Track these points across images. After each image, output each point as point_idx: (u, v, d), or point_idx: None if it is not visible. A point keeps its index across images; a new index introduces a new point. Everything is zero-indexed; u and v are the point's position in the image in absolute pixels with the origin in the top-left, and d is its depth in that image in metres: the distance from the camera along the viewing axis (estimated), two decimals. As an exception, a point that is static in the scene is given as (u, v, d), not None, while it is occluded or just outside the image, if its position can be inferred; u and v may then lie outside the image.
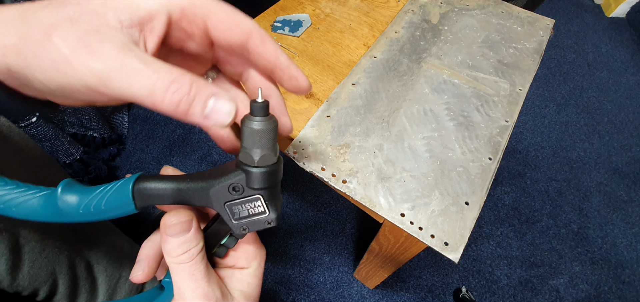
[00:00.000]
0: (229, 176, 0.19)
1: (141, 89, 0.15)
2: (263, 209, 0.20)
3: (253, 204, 0.19)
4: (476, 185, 0.42)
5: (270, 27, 0.59)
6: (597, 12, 1.61)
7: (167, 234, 0.19)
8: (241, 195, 0.19)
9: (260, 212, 0.20)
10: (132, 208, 0.19)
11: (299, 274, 0.83)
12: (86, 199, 0.18)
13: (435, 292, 0.83)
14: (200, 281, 0.19)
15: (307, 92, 0.22)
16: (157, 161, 1.02)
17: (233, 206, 0.19)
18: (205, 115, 0.16)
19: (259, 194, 0.19)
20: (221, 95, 0.16)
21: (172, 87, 0.15)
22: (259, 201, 0.19)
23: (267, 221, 0.20)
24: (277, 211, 0.20)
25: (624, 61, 1.40)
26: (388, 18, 0.62)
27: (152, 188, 0.19)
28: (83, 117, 0.91)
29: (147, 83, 0.15)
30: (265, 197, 0.19)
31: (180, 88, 0.15)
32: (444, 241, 0.38)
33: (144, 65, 0.15)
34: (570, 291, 0.85)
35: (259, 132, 0.18)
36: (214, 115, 0.16)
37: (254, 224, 0.20)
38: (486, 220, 0.95)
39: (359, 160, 0.44)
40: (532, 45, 0.58)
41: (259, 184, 0.19)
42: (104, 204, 0.18)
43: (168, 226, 0.19)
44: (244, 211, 0.20)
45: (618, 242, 0.93)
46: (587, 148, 1.12)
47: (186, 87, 0.15)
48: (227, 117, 0.16)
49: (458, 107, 0.49)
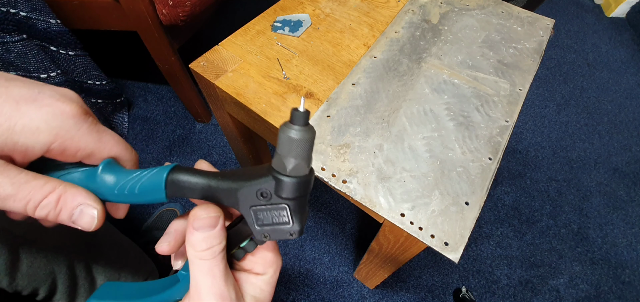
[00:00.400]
0: (258, 180, 0.18)
1: (13, 208, 0.17)
2: (288, 220, 0.19)
3: (278, 213, 0.19)
4: (476, 185, 0.42)
5: (270, 27, 0.59)
6: (597, 12, 1.61)
7: (193, 226, 0.19)
8: (268, 201, 0.19)
9: (284, 222, 0.19)
10: (163, 196, 0.19)
11: (299, 274, 0.83)
12: (122, 180, 0.19)
13: (435, 292, 0.83)
14: (218, 279, 0.19)
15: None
16: (157, 161, 1.02)
17: (258, 211, 0.19)
18: (72, 221, 0.19)
19: (286, 203, 0.19)
20: (86, 205, 0.19)
21: (42, 203, 0.18)
22: (285, 210, 0.19)
23: (290, 232, 0.20)
24: (301, 224, 0.20)
25: (624, 61, 1.40)
26: (388, 18, 0.62)
27: (184, 180, 0.19)
28: (83, 117, 0.91)
29: (17, 206, 0.17)
30: (292, 208, 0.19)
31: (48, 204, 0.18)
32: (444, 241, 0.38)
33: (14, 190, 0.17)
34: (570, 291, 0.85)
35: (296, 141, 0.17)
36: (80, 221, 0.19)
37: (276, 232, 0.20)
38: (486, 220, 0.95)
39: (359, 160, 0.44)
40: (532, 45, 0.58)
41: (287, 193, 0.18)
42: (138, 188, 0.19)
43: (196, 219, 0.19)
44: (268, 218, 0.19)
45: (618, 242, 0.93)
46: (587, 148, 1.12)
47: (53, 203, 0.18)
48: (92, 221, 0.19)
49: (458, 107, 0.49)
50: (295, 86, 0.51)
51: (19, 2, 0.68)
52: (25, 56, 0.74)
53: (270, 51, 0.56)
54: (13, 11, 0.69)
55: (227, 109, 0.57)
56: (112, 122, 1.05)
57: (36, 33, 0.73)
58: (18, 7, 0.69)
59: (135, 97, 1.18)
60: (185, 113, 1.14)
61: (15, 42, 0.72)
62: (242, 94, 0.50)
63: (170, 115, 1.13)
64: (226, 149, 1.06)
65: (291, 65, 0.54)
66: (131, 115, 1.14)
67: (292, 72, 0.53)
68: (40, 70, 0.78)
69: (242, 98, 0.50)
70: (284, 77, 0.52)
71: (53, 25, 0.74)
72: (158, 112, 1.14)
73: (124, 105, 1.09)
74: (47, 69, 0.78)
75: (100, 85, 0.93)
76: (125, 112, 1.10)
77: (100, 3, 0.73)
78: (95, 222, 0.19)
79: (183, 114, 1.14)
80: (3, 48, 0.71)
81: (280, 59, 0.55)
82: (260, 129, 0.53)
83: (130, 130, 1.10)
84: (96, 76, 0.91)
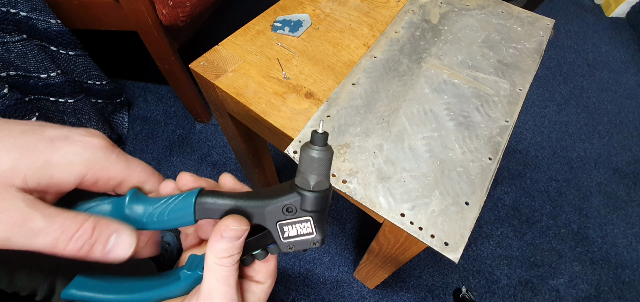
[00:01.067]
0: (284, 197, 0.20)
1: (43, 245, 0.17)
2: (311, 231, 0.21)
3: (303, 225, 0.21)
4: (476, 185, 0.42)
5: (270, 27, 0.59)
6: (597, 12, 1.61)
7: (222, 234, 0.19)
8: (293, 216, 0.20)
9: (307, 233, 0.21)
10: (192, 220, 0.20)
11: (299, 274, 0.83)
12: (150, 208, 0.20)
13: (435, 292, 0.83)
14: (231, 287, 0.20)
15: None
16: (157, 161, 1.02)
17: (284, 225, 0.21)
18: (107, 251, 0.19)
19: (310, 215, 0.20)
20: (121, 232, 0.19)
21: (77, 235, 0.18)
22: (308, 222, 0.21)
23: (313, 241, 0.21)
24: (323, 234, 0.21)
25: (624, 61, 1.40)
26: (388, 18, 0.62)
27: (212, 203, 0.20)
28: (83, 117, 0.91)
29: (48, 240, 0.17)
30: (315, 220, 0.21)
31: (83, 234, 0.18)
32: (444, 241, 0.38)
33: (47, 222, 0.17)
34: (570, 291, 0.85)
35: (317, 160, 0.19)
36: (115, 249, 0.19)
37: (300, 243, 0.21)
38: (486, 220, 0.95)
39: (359, 160, 0.44)
40: (532, 45, 0.58)
41: (311, 206, 0.20)
42: (167, 214, 0.20)
43: (227, 229, 0.20)
44: (293, 231, 0.21)
45: (618, 242, 0.93)
46: (587, 148, 1.12)
47: (88, 234, 0.18)
48: (128, 248, 0.19)
49: (458, 107, 0.49)
50: (295, 86, 0.51)
51: (19, 2, 0.68)
52: (25, 56, 0.74)
53: (270, 51, 0.56)
54: (13, 11, 0.69)
55: (227, 109, 0.57)
56: (112, 122, 1.05)
57: (36, 33, 0.73)
58: (18, 7, 0.69)
59: (135, 97, 1.18)
60: (185, 113, 1.14)
61: (15, 42, 0.72)
62: (242, 94, 0.50)
63: (170, 115, 1.13)
64: (226, 149, 1.06)
65: (291, 65, 0.54)
66: (131, 115, 1.14)
67: (292, 72, 0.53)
68: (40, 70, 0.78)
69: (242, 98, 0.50)
70: (284, 77, 0.52)
71: (53, 25, 0.74)
72: (158, 112, 1.14)
73: (124, 105, 1.09)
74: (47, 69, 0.78)
75: (100, 85, 0.93)
76: (125, 112, 1.10)
77: (100, 3, 0.73)
78: (131, 249, 0.19)
79: (183, 114, 1.14)
80: (3, 48, 0.71)
81: (280, 59, 0.55)
82: (260, 129, 0.53)
83: (130, 130, 1.10)
84: (96, 76, 0.91)
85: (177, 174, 0.22)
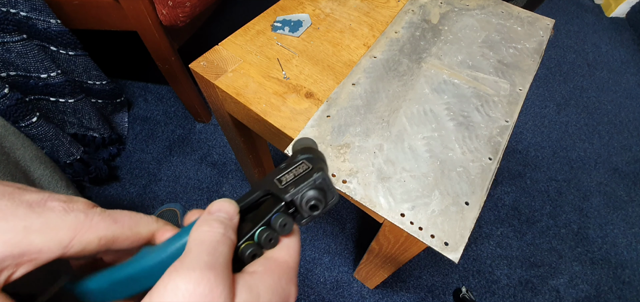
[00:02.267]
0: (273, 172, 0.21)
1: None
2: (308, 166, 0.21)
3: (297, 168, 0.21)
4: (476, 185, 0.42)
5: (270, 27, 0.59)
6: (597, 12, 1.61)
7: (211, 209, 0.20)
8: (286, 168, 0.21)
9: (305, 171, 0.21)
10: None
11: (299, 274, 0.83)
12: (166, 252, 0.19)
13: (435, 292, 0.83)
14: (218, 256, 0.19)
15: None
16: (157, 161, 1.02)
17: (281, 178, 0.21)
18: None
19: (302, 160, 0.21)
20: None
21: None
22: (303, 163, 0.21)
23: (315, 180, 0.21)
24: (322, 168, 0.21)
25: (624, 61, 1.40)
26: (388, 18, 0.62)
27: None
28: (83, 117, 0.91)
29: None
30: (308, 160, 0.21)
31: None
32: (444, 241, 0.38)
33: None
34: (570, 291, 0.85)
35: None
36: None
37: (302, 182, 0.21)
38: (486, 220, 0.95)
39: (359, 160, 0.44)
40: (532, 45, 0.58)
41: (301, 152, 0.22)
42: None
43: (214, 203, 0.20)
44: (290, 176, 0.21)
45: (618, 242, 0.93)
46: (587, 148, 1.12)
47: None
48: None
49: (458, 107, 0.49)
50: (295, 86, 0.51)
51: (19, 2, 0.68)
52: (25, 56, 0.74)
53: (270, 51, 0.56)
54: (13, 11, 0.69)
55: (227, 109, 0.57)
56: (112, 122, 1.05)
57: (36, 33, 0.73)
58: (18, 7, 0.69)
59: (135, 97, 1.19)
60: (185, 113, 1.14)
61: (15, 42, 0.72)
62: (242, 94, 0.50)
63: (170, 115, 1.13)
64: (226, 149, 1.06)
65: (291, 65, 0.54)
66: (131, 115, 1.14)
67: (292, 72, 0.53)
68: (41, 70, 0.78)
69: (242, 98, 0.50)
70: (284, 77, 0.52)
71: (53, 25, 0.74)
72: (158, 112, 1.14)
73: (124, 106, 1.09)
74: (48, 69, 0.78)
75: (100, 85, 0.93)
76: (125, 112, 1.10)
77: (100, 3, 0.73)
78: None
79: (183, 114, 1.14)
80: (3, 48, 0.71)
81: (280, 59, 0.55)
82: (260, 129, 0.53)
83: (130, 130, 1.10)
84: (96, 76, 0.91)
85: (177, 174, 0.21)
